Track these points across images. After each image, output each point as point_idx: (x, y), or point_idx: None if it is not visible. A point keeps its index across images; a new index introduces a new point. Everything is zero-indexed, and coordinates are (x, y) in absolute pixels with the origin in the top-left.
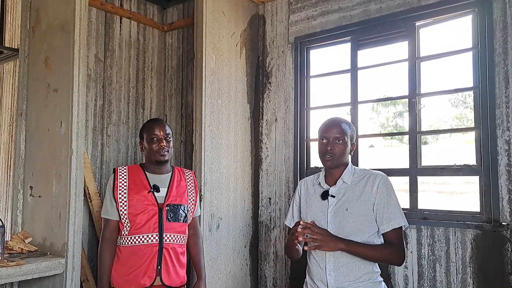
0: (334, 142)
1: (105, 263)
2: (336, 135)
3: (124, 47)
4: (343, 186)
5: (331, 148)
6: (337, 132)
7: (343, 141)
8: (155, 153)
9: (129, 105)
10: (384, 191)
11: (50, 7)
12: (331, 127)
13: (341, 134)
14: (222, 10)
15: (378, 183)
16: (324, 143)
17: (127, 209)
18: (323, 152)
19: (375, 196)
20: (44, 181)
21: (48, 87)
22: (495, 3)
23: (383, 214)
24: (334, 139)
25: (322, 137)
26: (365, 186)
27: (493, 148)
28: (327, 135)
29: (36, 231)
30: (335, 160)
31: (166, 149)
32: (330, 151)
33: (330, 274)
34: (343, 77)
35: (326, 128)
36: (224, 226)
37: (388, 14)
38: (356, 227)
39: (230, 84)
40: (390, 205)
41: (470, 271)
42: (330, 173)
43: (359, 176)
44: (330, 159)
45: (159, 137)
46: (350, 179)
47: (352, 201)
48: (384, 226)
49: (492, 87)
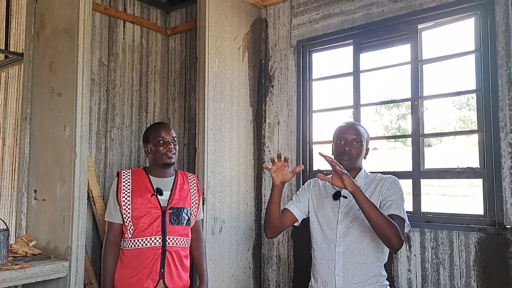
0: (351, 144)
1: (109, 266)
2: (353, 136)
3: (127, 51)
4: None
5: (349, 148)
6: (355, 133)
7: (360, 143)
8: (163, 156)
9: (132, 109)
10: (391, 188)
11: (55, 12)
12: (349, 129)
13: (358, 136)
14: (224, 14)
15: (387, 182)
16: (341, 144)
17: (130, 212)
18: (340, 152)
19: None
20: (48, 185)
21: (52, 91)
22: (498, 5)
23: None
24: (352, 141)
25: (339, 138)
26: (376, 187)
27: (496, 150)
28: (345, 136)
29: (40, 234)
30: (351, 161)
31: (174, 152)
32: (348, 151)
33: (338, 275)
34: (346, 80)
35: (344, 129)
36: (227, 229)
37: (390, 17)
38: (366, 227)
39: (232, 87)
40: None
41: (474, 274)
42: None
43: (371, 180)
44: (347, 159)
45: (166, 140)
46: (363, 182)
47: None
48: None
49: (495, 89)
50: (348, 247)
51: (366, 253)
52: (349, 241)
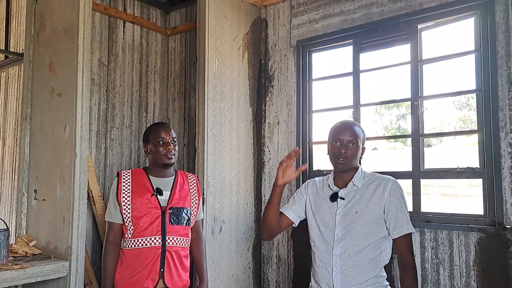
0: (347, 145)
1: (109, 266)
2: (349, 138)
3: (127, 51)
4: (353, 189)
5: (344, 151)
6: (350, 135)
7: (356, 145)
8: (162, 156)
9: (132, 109)
10: (396, 196)
11: (55, 12)
12: (344, 130)
13: (354, 138)
14: (224, 14)
15: (391, 188)
16: (337, 145)
17: (130, 212)
18: (336, 154)
19: (387, 201)
20: (48, 185)
21: (52, 91)
22: (498, 5)
23: (395, 220)
24: (348, 142)
25: (335, 140)
26: (375, 190)
27: (496, 150)
28: (340, 137)
29: (40, 234)
30: (347, 163)
31: (173, 153)
32: (344, 154)
33: (336, 277)
34: (345, 80)
35: (340, 131)
36: (227, 229)
37: (390, 17)
38: (365, 230)
39: (232, 87)
40: (402, 211)
41: (474, 274)
42: (341, 176)
43: (369, 180)
44: (342, 162)
45: (166, 140)
46: (360, 183)
47: (362, 204)
48: (396, 231)
49: (495, 89)
50: (346, 249)
51: (364, 255)
52: (346, 243)
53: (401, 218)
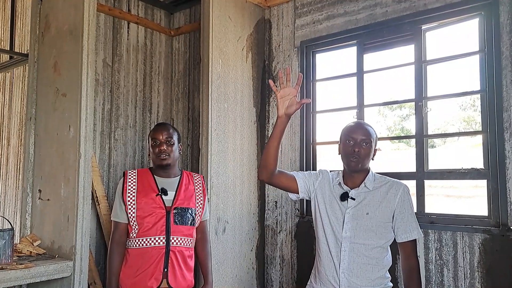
0: (360, 144)
1: (114, 265)
2: (362, 137)
3: (131, 52)
4: (364, 190)
5: (358, 149)
6: (364, 134)
7: (369, 144)
8: (155, 158)
9: (136, 109)
10: (407, 201)
11: (59, 12)
12: (358, 129)
13: (368, 137)
14: (228, 14)
15: (402, 192)
16: (350, 144)
17: (135, 211)
18: (349, 153)
19: (398, 205)
20: (52, 185)
21: (57, 92)
22: (502, 6)
23: (406, 224)
24: (361, 141)
25: (348, 139)
26: (387, 193)
27: (500, 151)
28: (354, 136)
29: (44, 234)
30: (360, 162)
31: (166, 153)
32: (357, 152)
33: (343, 272)
34: (349, 80)
35: (353, 130)
36: (231, 229)
37: (394, 17)
38: (373, 232)
39: (236, 88)
40: (413, 215)
41: (478, 275)
42: (351, 176)
43: (380, 183)
44: (355, 160)
45: (160, 141)
46: (371, 185)
47: (373, 206)
48: (405, 235)
49: (499, 90)
50: (354, 248)
51: (372, 256)
52: (355, 242)
53: (412, 223)
